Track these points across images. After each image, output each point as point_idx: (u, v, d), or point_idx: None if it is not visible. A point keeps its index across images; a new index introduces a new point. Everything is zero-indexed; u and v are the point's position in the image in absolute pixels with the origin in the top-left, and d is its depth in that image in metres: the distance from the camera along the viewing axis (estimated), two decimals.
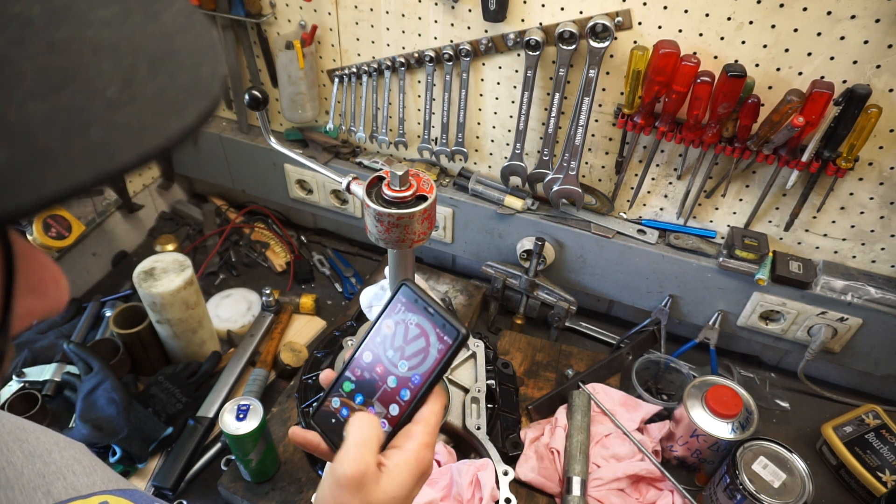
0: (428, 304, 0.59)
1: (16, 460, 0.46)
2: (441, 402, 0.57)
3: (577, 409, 1.09)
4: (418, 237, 0.77)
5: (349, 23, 1.22)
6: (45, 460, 0.48)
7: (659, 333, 1.27)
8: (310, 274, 1.48)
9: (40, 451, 0.49)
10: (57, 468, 0.48)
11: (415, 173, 0.75)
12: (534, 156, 1.23)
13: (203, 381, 1.19)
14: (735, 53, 0.97)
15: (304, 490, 1.01)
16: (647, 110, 1.04)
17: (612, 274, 1.28)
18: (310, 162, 0.91)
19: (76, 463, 0.50)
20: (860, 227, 1.08)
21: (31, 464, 0.47)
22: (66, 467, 0.49)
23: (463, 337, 0.57)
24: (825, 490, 1.08)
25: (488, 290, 1.40)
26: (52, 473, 0.47)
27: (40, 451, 0.49)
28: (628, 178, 1.20)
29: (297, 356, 1.25)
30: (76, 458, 0.50)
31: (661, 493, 1.03)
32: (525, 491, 1.04)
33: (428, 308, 0.59)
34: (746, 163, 1.06)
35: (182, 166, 1.63)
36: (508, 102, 1.20)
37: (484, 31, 1.11)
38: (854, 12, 0.87)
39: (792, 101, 0.92)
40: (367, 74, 1.27)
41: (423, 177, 0.76)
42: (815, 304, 1.13)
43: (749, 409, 1.04)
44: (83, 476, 0.49)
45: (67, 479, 0.48)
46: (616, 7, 0.99)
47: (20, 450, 0.47)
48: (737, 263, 1.13)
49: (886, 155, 0.98)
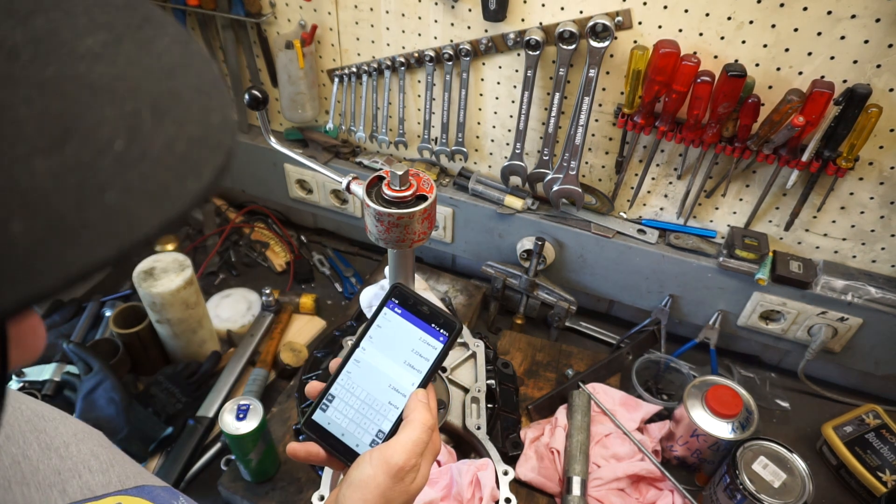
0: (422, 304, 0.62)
1: (32, 454, 0.45)
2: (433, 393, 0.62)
3: (577, 409, 1.09)
4: (418, 237, 0.77)
5: (349, 22, 1.22)
6: (62, 455, 0.48)
7: (659, 333, 1.27)
8: (310, 274, 1.48)
9: (57, 443, 0.48)
10: (73, 464, 0.48)
11: (415, 173, 0.75)
12: (534, 155, 1.23)
13: (203, 381, 1.19)
14: (735, 53, 0.97)
15: (304, 490, 1.01)
16: (648, 110, 1.04)
17: (612, 274, 1.27)
18: (310, 162, 0.91)
19: (93, 458, 0.50)
20: (860, 226, 1.08)
21: (47, 458, 0.46)
22: (82, 463, 0.48)
23: (458, 329, 0.60)
24: (825, 490, 1.08)
25: (488, 290, 1.40)
26: (69, 470, 0.47)
27: (57, 443, 0.48)
28: (628, 178, 1.20)
29: (297, 356, 1.25)
30: (93, 453, 0.50)
31: (662, 493, 1.03)
32: (525, 491, 1.04)
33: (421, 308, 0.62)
34: (746, 162, 1.06)
35: None
36: (508, 102, 1.19)
37: (484, 30, 1.11)
38: (854, 12, 0.87)
39: (792, 100, 0.92)
40: (367, 74, 1.27)
41: (423, 176, 0.76)
42: (816, 304, 1.13)
43: (749, 409, 1.04)
44: (99, 473, 0.49)
45: (83, 476, 0.48)
46: (616, 7, 0.99)
47: (37, 442, 0.47)
48: (737, 263, 1.13)
49: (887, 154, 0.98)
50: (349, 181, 0.81)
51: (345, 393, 0.61)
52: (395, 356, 0.61)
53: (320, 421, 0.62)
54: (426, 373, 0.60)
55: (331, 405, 0.61)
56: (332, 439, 0.61)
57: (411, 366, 0.61)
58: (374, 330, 0.62)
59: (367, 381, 0.61)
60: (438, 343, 0.61)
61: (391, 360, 0.61)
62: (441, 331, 0.61)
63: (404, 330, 0.62)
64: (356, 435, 0.60)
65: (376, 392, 0.61)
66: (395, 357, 0.61)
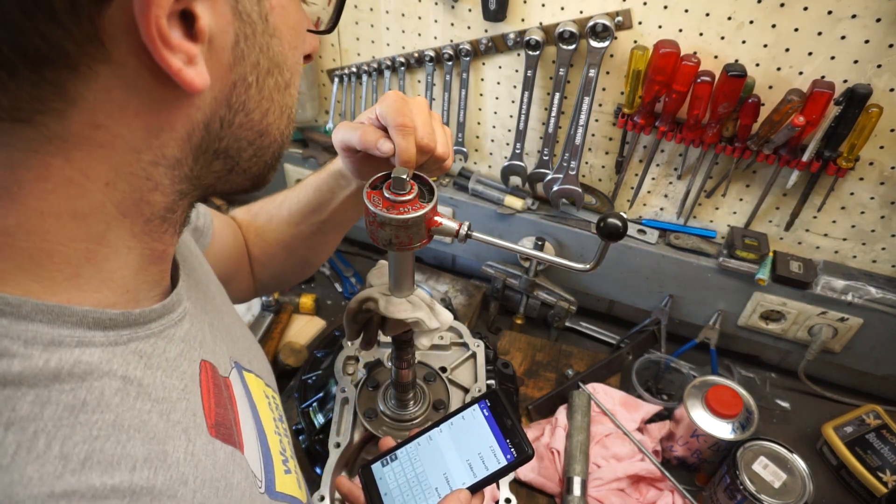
0: (509, 417, 0.64)
1: (236, 330, 0.61)
2: None
3: (577, 409, 1.09)
4: (419, 241, 0.76)
5: (349, 22, 1.22)
6: (251, 345, 0.65)
7: (659, 333, 1.27)
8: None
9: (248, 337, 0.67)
10: (256, 354, 0.65)
11: None
12: (534, 155, 1.23)
13: None
14: (735, 53, 0.97)
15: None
16: (648, 110, 1.04)
17: (612, 274, 1.27)
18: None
19: (264, 361, 0.68)
20: (861, 226, 1.08)
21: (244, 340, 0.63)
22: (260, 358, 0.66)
23: (528, 456, 0.62)
24: (825, 490, 1.07)
25: (488, 290, 1.40)
26: (254, 355, 0.64)
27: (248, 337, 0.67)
28: (628, 178, 1.20)
29: (297, 356, 1.25)
30: (264, 359, 0.68)
31: (662, 493, 1.03)
32: (525, 491, 1.04)
33: (506, 420, 0.64)
34: (747, 162, 1.06)
35: None
36: (508, 102, 1.19)
37: (484, 30, 1.11)
38: (855, 12, 0.87)
39: (792, 100, 0.91)
40: (367, 74, 1.27)
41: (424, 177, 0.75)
42: (816, 304, 1.13)
43: (749, 409, 1.04)
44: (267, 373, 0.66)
45: (261, 363, 0.65)
46: (616, 7, 0.99)
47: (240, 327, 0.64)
48: (737, 263, 1.13)
49: (887, 154, 0.98)
50: None
51: (406, 460, 0.64)
52: (462, 451, 0.63)
53: (375, 472, 0.65)
54: (480, 479, 0.61)
55: (391, 464, 0.64)
56: (374, 492, 0.63)
57: (471, 466, 0.62)
58: (458, 419, 0.65)
59: (428, 460, 0.63)
60: (504, 459, 0.62)
61: (457, 452, 0.63)
62: (512, 449, 0.62)
63: (482, 432, 0.64)
64: (396, 501, 0.62)
65: (430, 474, 0.63)
66: (462, 452, 0.63)
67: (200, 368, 0.47)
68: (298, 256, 0.85)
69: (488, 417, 0.64)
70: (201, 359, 0.47)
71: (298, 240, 0.82)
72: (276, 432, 0.57)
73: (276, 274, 0.86)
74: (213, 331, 0.53)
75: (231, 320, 0.61)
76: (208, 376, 0.47)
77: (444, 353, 1.07)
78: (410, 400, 0.94)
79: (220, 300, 0.61)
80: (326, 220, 0.79)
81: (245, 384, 0.55)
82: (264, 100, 0.41)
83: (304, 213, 0.80)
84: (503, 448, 0.62)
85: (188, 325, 0.47)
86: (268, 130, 0.43)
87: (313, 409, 1.05)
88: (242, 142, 0.42)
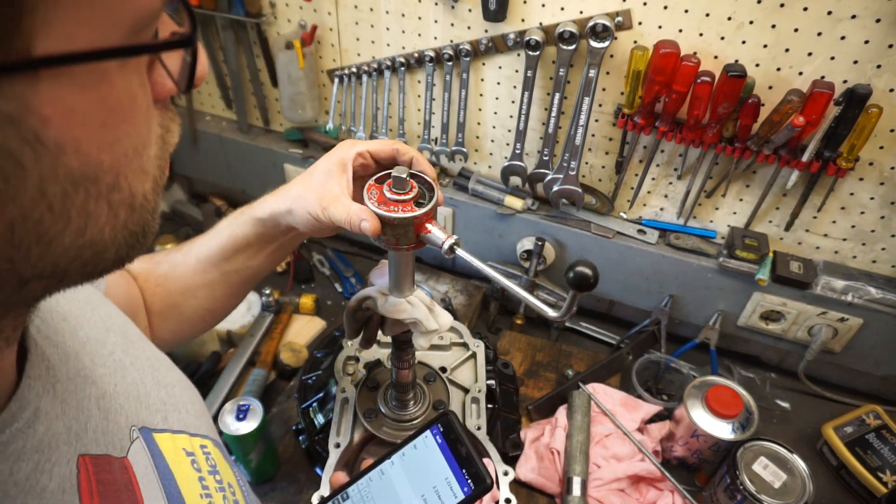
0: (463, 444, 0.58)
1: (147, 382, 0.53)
2: None
3: (577, 409, 1.09)
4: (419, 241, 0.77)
5: (349, 23, 1.22)
6: (169, 392, 0.55)
7: (659, 333, 1.27)
8: (310, 274, 1.48)
9: (166, 382, 0.56)
10: (176, 402, 0.55)
11: None
12: (534, 156, 1.23)
13: (203, 382, 1.19)
14: (735, 53, 0.97)
15: (304, 490, 1.01)
16: (648, 110, 1.04)
17: (612, 274, 1.27)
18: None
19: (191, 404, 0.57)
20: (861, 227, 1.08)
21: (157, 390, 0.54)
22: (181, 405, 0.56)
23: (486, 488, 0.56)
24: (825, 490, 1.07)
25: (488, 290, 1.40)
26: (172, 405, 0.54)
27: (166, 382, 0.56)
28: (628, 178, 1.20)
29: (297, 356, 1.25)
30: (192, 401, 0.58)
31: (662, 493, 1.03)
32: (525, 491, 1.04)
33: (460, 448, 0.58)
34: (747, 163, 1.06)
35: (182, 166, 1.63)
36: (508, 102, 1.19)
37: (484, 30, 1.11)
38: (855, 12, 0.87)
39: (792, 100, 0.92)
40: (367, 74, 1.27)
41: None
42: (816, 304, 1.13)
43: (749, 410, 1.04)
44: (194, 418, 0.56)
45: (181, 414, 0.55)
46: (616, 7, 0.99)
47: (151, 376, 0.54)
48: (737, 263, 1.13)
49: (887, 155, 0.98)
50: None
51: (358, 499, 0.59)
52: (415, 485, 0.58)
53: None
54: None
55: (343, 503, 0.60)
56: None
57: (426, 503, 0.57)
58: (409, 449, 0.59)
59: (381, 496, 0.59)
60: (461, 493, 0.56)
61: (410, 487, 0.58)
62: (469, 481, 0.56)
63: (435, 463, 0.58)
64: None
65: None
66: (416, 486, 0.58)
67: (78, 467, 0.40)
68: (202, 308, 0.80)
69: (442, 445, 0.58)
70: (78, 454, 0.41)
71: (205, 289, 0.78)
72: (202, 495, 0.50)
73: (175, 329, 0.81)
74: (101, 407, 0.45)
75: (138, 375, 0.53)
76: (89, 473, 0.41)
77: (444, 353, 1.08)
78: (410, 400, 0.94)
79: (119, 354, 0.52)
80: (239, 270, 0.76)
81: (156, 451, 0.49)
82: (74, 219, 0.31)
83: (213, 260, 0.76)
84: (459, 480, 0.57)
85: (44, 427, 0.39)
86: (95, 241, 0.33)
87: (313, 409, 1.05)
88: (58, 264, 0.32)
